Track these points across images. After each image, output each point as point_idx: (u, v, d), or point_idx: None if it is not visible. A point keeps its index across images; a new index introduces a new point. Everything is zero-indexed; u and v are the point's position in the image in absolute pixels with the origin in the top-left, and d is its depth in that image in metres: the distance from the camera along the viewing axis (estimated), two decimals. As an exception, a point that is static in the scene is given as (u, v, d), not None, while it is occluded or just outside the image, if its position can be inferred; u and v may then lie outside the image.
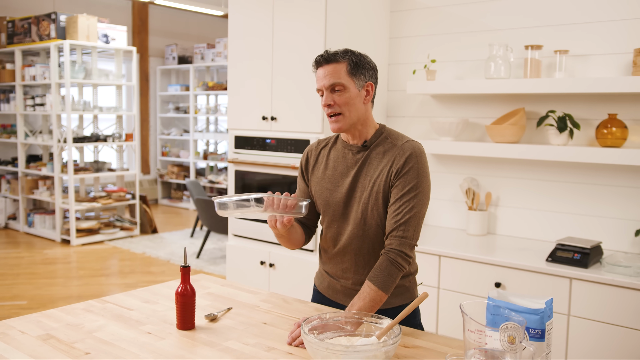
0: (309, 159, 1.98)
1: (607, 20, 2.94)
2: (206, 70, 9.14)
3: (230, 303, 1.96)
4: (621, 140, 2.83)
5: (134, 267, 5.70)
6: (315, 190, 1.93)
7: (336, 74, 1.75)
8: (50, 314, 1.81)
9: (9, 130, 7.44)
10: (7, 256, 5.98)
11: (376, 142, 1.85)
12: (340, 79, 1.75)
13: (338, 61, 1.76)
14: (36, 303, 4.50)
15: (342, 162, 1.88)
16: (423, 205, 1.76)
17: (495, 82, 3.07)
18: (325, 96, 1.78)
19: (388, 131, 1.87)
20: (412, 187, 1.74)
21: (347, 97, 1.76)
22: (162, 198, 9.74)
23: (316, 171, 1.94)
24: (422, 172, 1.77)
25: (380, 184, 1.79)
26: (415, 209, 1.74)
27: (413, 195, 1.74)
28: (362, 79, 1.79)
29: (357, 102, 1.79)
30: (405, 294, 1.89)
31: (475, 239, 3.28)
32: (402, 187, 1.75)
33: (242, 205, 1.65)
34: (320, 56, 1.79)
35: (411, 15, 3.63)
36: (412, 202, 1.74)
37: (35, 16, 6.74)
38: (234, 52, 3.72)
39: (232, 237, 3.86)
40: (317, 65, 1.80)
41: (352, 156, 1.87)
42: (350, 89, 1.76)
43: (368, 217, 1.81)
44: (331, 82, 1.75)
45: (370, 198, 1.80)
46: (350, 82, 1.76)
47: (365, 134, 1.85)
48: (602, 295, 2.55)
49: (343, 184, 1.86)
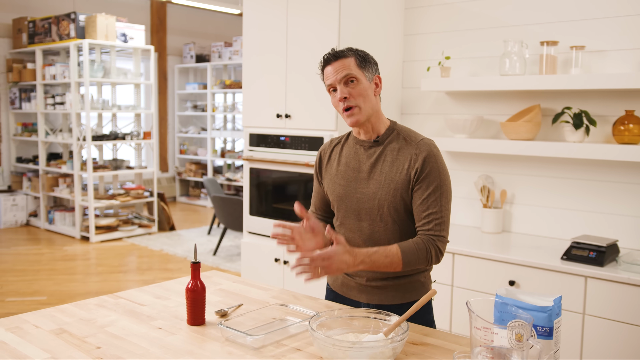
0: (322, 158, 1.99)
1: (623, 15, 2.90)
2: (223, 68, 9.19)
3: (241, 299, 1.97)
4: (638, 137, 2.79)
5: (151, 264, 5.76)
6: (328, 187, 1.94)
7: (347, 66, 1.78)
8: (64, 309, 1.84)
9: (30, 129, 7.57)
10: (28, 252, 6.09)
11: (389, 138, 1.85)
12: (352, 71, 1.77)
13: (346, 56, 1.79)
14: (55, 299, 4.57)
15: (354, 158, 1.89)
16: (448, 201, 1.80)
17: (510, 79, 3.05)
18: (340, 90, 1.78)
19: (400, 128, 1.88)
20: (435, 188, 1.77)
21: (361, 89, 1.78)
22: (180, 195, 9.82)
23: (329, 169, 1.95)
24: (442, 171, 1.80)
25: (398, 182, 1.79)
26: (444, 207, 1.78)
27: (439, 194, 1.77)
28: (371, 71, 1.82)
29: (370, 93, 1.81)
30: (420, 289, 1.89)
31: (489, 236, 3.25)
32: (426, 187, 1.77)
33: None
34: (328, 54, 1.81)
35: (426, 12, 3.61)
36: (440, 202, 1.77)
37: (55, 16, 6.83)
38: (249, 47, 3.74)
39: (247, 234, 3.88)
40: (326, 63, 1.81)
41: (365, 152, 1.87)
42: (362, 81, 1.79)
43: (385, 213, 1.81)
44: (344, 74, 1.77)
45: (387, 195, 1.80)
46: (361, 74, 1.79)
47: (377, 129, 1.86)
48: (618, 294, 2.52)
49: (356, 179, 1.87)
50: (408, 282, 1.87)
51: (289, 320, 1.77)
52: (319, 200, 2.03)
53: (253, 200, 3.83)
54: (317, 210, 2.05)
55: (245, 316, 1.76)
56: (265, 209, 3.79)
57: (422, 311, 1.86)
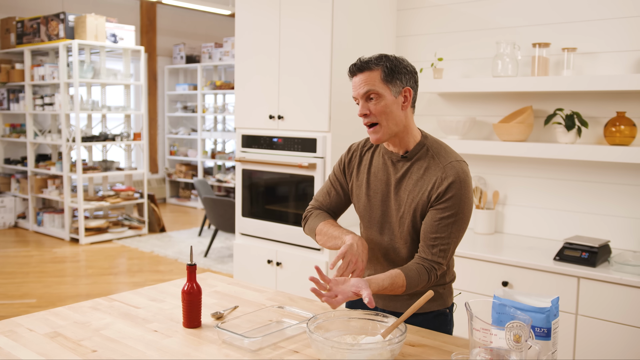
0: (352, 158, 1.92)
1: (615, 18, 2.92)
2: (214, 69, 9.16)
3: (237, 301, 1.96)
4: (630, 139, 2.81)
5: (142, 266, 5.73)
6: (356, 194, 1.90)
7: (370, 81, 1.68)
8: (57, 312, 1.82)
9: (19, 130, 7.50)
10: (16, 255, 6.03)
11: (417, 154, 1.78)
12: (375, 87, 1.68)
13: (371, 69, 1.69)
14: (45, 301, 4.53)
15: (382, 170, 1.84)
16: (460, 230, 1.73)
17: (503, 80, 3.06)
18: (361, 105, 1.72)
19: (430, 143, 1.80)
20: (452, 214, 1.70)
21: (382, 106, 1.69)
22: (170, 197, 9.77)
23: (359, 174, 1.89)
24: (465, 199, 1.71)
25: (419, 202, 1.74)
26: (453, 235, 1.72)
27: (452, 221, 1.71)
28: (399, 85, 1.71)
29: (395, 109, 1.71)
30: (438, 301, 1.86)
31: (482, 237, 3.26)
32: (442, 211, 1.71)
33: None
34: (354, 65, 1.72)
35: (418, 14, 3.62)
36: (451, 229, 1.71)
37: (44, 16, 6.78)
38: (241, 48, 3.73)
39: (239, 235, 3.87)
40: (352, 75, 1.74)
41: (392, 165, 1.81)
42: (385, 97, 1.69)
43: (405, 232, 1.79)
44: (365, 90, 1.69)
45: (407, 214, 1.76)
46: (386, 90, 1.69)
47: (406, 143, 1.78)
48: (611, 295, 2.54)
49: (382, 193, 1.83)
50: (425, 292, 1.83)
51: (285, 322, 1.76)
52: (329, 197, 1.96)
53: (245, 202, 3.82)
54: (320, 207, 1.98)
55: (242, 318, 1.75)
56: (258, 210, 3.77)
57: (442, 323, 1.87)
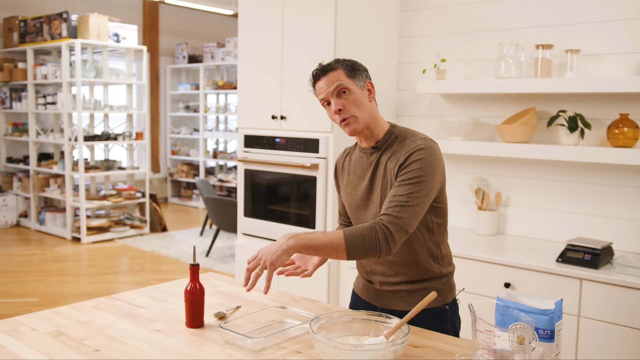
0: (337, 167, 2.03)
1: (619, 20, 2.92)
2: (216, 69, 9.16)
3: (239, 301, 1.96)
4: (633, 141, 2.81)
5: (143, 265, 5.73)
6: (343, 196, 1.98)
7: (337, 78, 1.77)
8: (60, 311, 1.83)
9: (21, 129, 7.51)
10: (18, 253, 6.03)
11: (387, 142, 1.83)
12: (343, 82, 1.77)
13: (334, 68, 1.78)
14: (47, 300, 4.53)
15: (359, 166, 1.90)
16: (422, 191, 1.67)
17: (506, 82, 3.06)
18: (334, 102, 1.78)
19: (399, 130, 1.85)
20: (413, 177, 1.68)
21: (354, 98, 1.78)
22: (172, 196, 9.78)
23: (343, 179, 1.98)
24: (428, 165, 1.69)
25: (390, 183, 1.77)
26: (414, 195, 1.66)
27: (415, 182, 1.67)
28: (361, 79, 1.81)
29: (364, 101, 1.80)
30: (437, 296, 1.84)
31: (484, 239, 3.26)
32: (403, 175, 1.70)
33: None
34: (316, 70, 1.81)
35: (421, 15, 3.62)
36: (412, 190, 1.67)
37: (47, 15, 6.78)
38: (244, 48, 3.73)
39: (241, 235, 3.87)
40: (316, 79, 1.81)
41: (367, 159, 1.87)
42: (354, 90, 1.78)
43: None
44: (335, 86, 1.76)
45: (384, 200, 1.78)
46: (352, 84, 1.78)
47: (376, 134, 1.85)
48: (613, 297, 2.54)
49: (361, 187, 1.87)
50: (422, 288, 1.83)
51: (288, 322, 1.76)
52: (341, 206, 2.06)
53: (247, 202, 3.82)
54: (341, 217, 2.09)
55: (244, 318, 1.76)
56: (260, 210, 3.77)
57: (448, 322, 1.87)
